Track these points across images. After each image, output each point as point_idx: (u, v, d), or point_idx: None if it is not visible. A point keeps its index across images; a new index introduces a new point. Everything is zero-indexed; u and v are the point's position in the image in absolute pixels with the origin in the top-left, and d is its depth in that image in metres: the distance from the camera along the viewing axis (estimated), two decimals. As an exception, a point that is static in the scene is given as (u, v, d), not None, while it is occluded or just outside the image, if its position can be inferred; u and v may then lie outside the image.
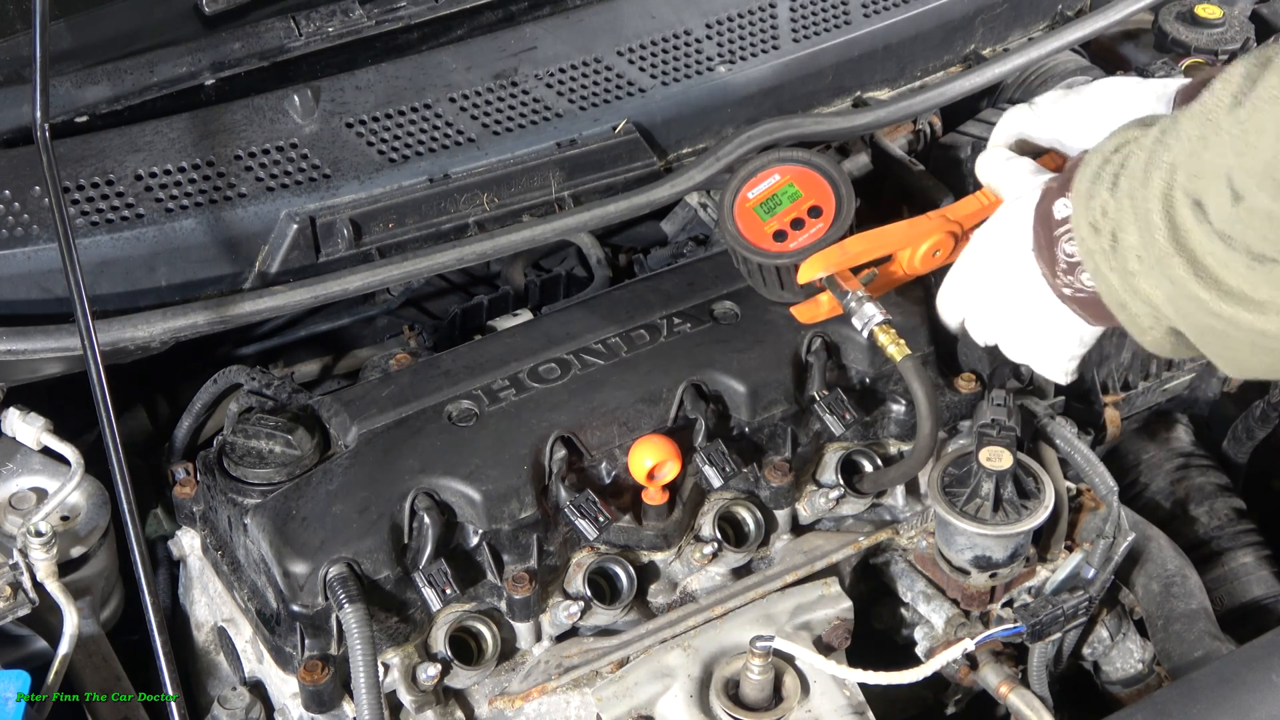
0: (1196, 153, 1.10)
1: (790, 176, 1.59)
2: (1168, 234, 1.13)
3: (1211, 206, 1.08)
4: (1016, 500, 1.50)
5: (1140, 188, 1.16)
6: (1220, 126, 1.07)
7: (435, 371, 1.55)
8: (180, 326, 1.52)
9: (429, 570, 1.40)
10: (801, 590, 1.52)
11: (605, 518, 1.45)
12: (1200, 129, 1.09)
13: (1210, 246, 1.10)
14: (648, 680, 1.44)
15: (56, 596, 1.41)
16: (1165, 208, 1.13)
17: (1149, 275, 1.18)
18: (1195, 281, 1.12)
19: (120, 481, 1.33)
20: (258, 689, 1.50)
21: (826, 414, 1.56)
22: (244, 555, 1.46)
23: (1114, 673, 1.71)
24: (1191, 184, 1.10)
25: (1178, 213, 1.12)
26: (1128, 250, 1.19)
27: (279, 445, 1.45)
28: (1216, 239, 1.09)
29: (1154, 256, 1.15)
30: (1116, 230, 1.20)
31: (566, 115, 1.73)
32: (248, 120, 1.64)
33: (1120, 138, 1.25)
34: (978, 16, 2.01)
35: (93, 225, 1.53)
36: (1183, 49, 2.06)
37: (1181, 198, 1.11)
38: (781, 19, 1.89)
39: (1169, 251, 1.13)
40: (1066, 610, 1.55)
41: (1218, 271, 1.10)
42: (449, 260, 1.63)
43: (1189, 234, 1.11)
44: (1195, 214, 1.10)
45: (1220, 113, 1.07)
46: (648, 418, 1.52)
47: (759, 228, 1.56)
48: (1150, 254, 1.16)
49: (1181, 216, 1.11)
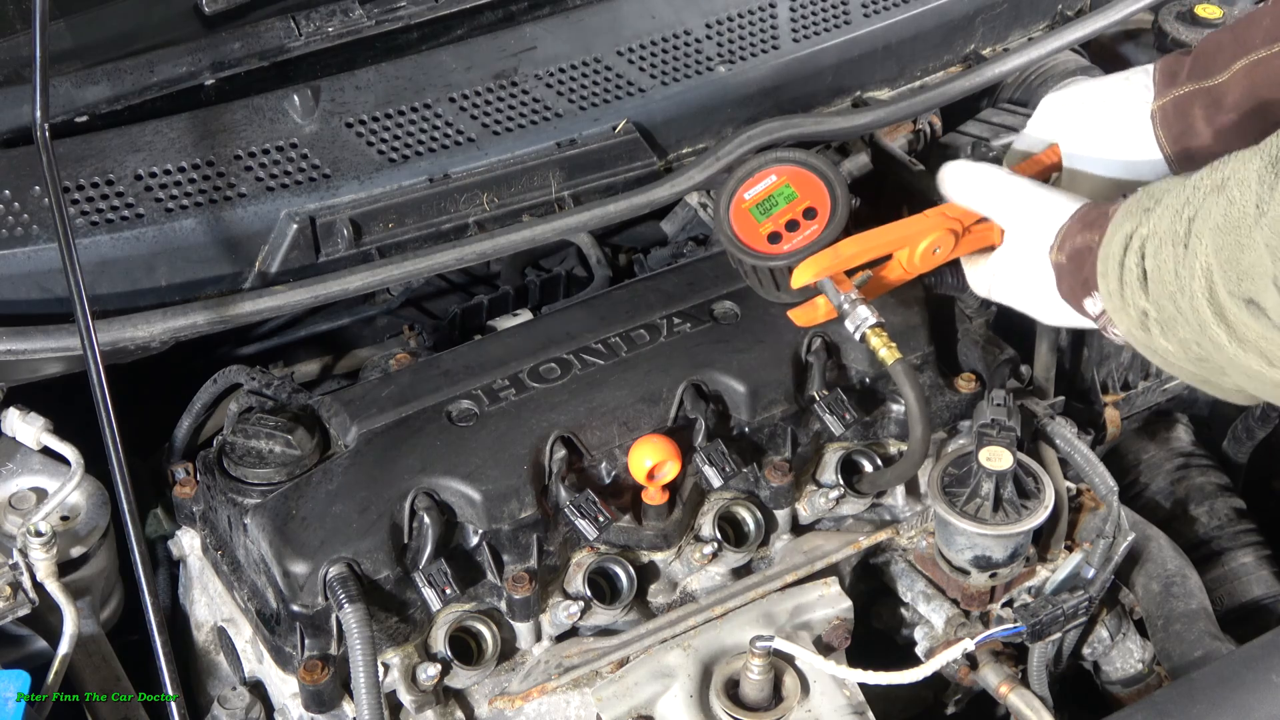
0: (1234, 259, 1.12)
1: (787, 177, 1.59)
2: (1228, 335, 1.15)
3: (1268, 304, 1.10)
4: (1016, 500, 1.50)
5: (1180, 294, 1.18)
6: (1253, 237, 1.09)
7: (435, 371, 1.55)
8: (180, 326, 1.52)
9: (429, 570, 1.40)
10: (801, 590, 1.52)
11: (605, 518, 1.45)
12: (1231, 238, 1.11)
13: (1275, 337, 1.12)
14: (648, 680, 1.43)
15: (56, 596, 1.41)
16: (1216, 313, 1.15)
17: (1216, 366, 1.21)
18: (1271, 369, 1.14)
19: (120, 481, 1.33)
20: (258, 689, 1.50)
21: (826, 414, 1.56)
22: (244, 555, 1.46)
23: (1114, 673, 1.71)
24: (1239, 287, 1.12)
25: (1230, 315, 1.14)
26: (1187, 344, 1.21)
27: (279, 445, 1.45)
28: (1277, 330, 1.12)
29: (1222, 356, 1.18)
30: (1166, 328, 1.22)
31: (566, 115, 1.73)
32: (248, 120, 1.64)
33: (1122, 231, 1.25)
34: (978, 16, 2.01)
35: (93, 225, 1.53)
36: (1183, 49, 2.05)
37: (1229, 300, 1.13)
38: (781, 19, 1.89)
39: (1237, 352, 1.15)
40: (1066, 610, 1.54)
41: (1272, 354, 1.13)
42: (449, 260, 1.63)
43: (1249, 330, 1.13)
44: (1252, 313, 1.12)
45: (1248, 223, 1.09)
46: (648, 418, 1.52)
47: (754, 229, 1.56)
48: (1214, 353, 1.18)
49: (1237, 317, 1.13)
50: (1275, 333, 1.11)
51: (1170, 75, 1.51)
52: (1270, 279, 1.08)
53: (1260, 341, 1.13)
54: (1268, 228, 1.07)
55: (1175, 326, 1.21)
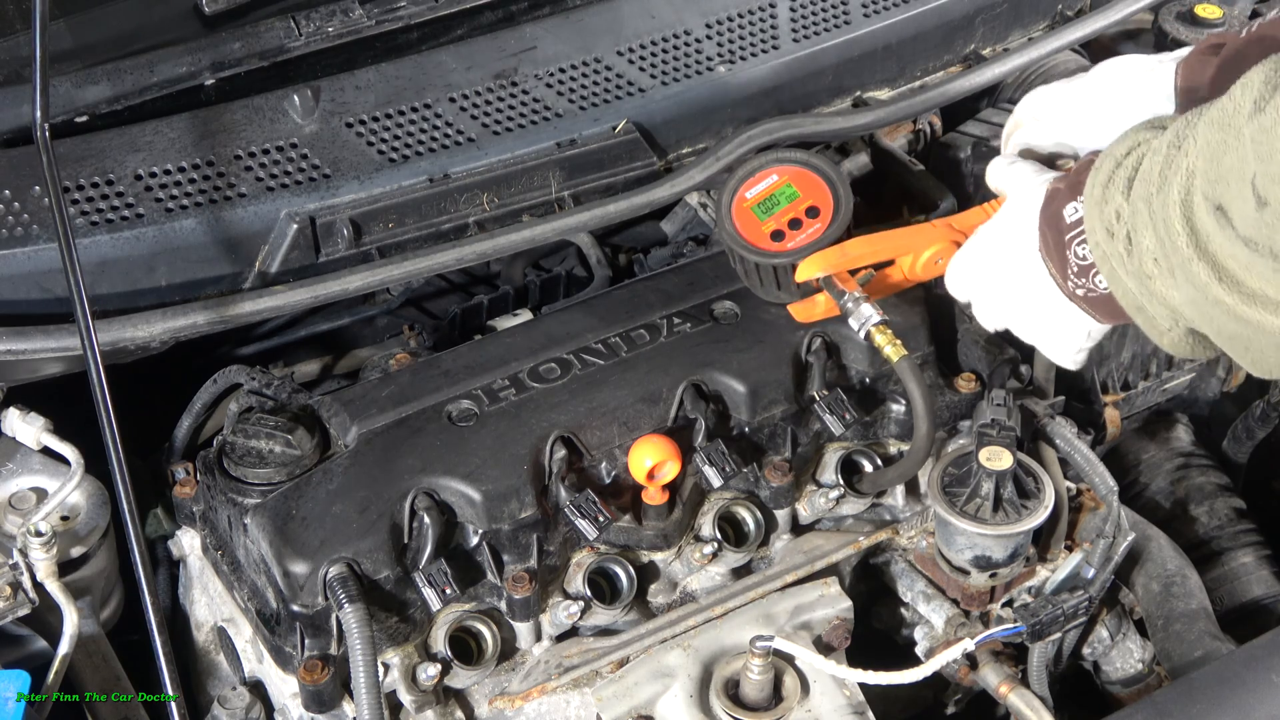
0: (1217, 158, 1.09)
1: (788, 177, 1.59)
2: (1188, 239, 1.13)
3: (1235, 212, 1.08)
4: (1016, 500, 1.50)
5: (1157, 193, 1.16)
6: (1241, 132, 1.07)
7: (435, 371, 1.55)
8: (180, 326, 1.52)
9: (429, 570, 1.40)
10: (801, 590, 1.52)
11: (605, 518, 1.45)
12: (1220, 134, 1.09)
13: (1233, 251, 1.10)
14: (648, 680, 1.43)
15: (56, 596, 1.41)
16: (1185, 214, 1.12)
17: (1168, 279, 1.18)
18: (1218, 285, 1.12)
19: (120, 481, 1.33)
20: (258, 689, 1.50)
21: (826, 414, 1.56)
22: (244, 555, 1.46)
23: (1114, 673, 1.71)
24: (1213, 190, 1.10)
25: (1198, 219, 1.12)
26: (1144, 254, 1.19)
27: (279, 445, 1.45)
28: (1240, 244, 1.09)
29: (1174, 261, 1.15)
30: (1132, 234, 1.20)
31: (566, 115, 1.73)
32: (248, 120, 1.64)
33: (1131, 140, 1.24)
34: (978, 16, 2.01)
35: (93, 225, 1.53)
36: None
37: (1202, 203, 1.11)
38: (781, 19, 1.89)
39: (1191, 257, 1.13)
40: (1066, 610, 1.54)
41: (1241, 275, 1.10)
42: (449, 260, 1.63)
43: (1211, 239, 1.11)
44: (1218, 220, 1.10)
45: (1241, 118, 1.07)
46: (648, 417, 1.52)
47: (756, 227, 1.56)
48: (1170, 259, 1.16)
49: (1203, 222, 1.11)
50: (1236, 244, 1.09)
51: (1192, 87, 1.47)
52: (1248, 180, 1.06)
53: (1218, 253, 1.11)
54: (1258, 123, 1.05)
55: (1143, 232, 1.19)
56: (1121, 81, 1.51)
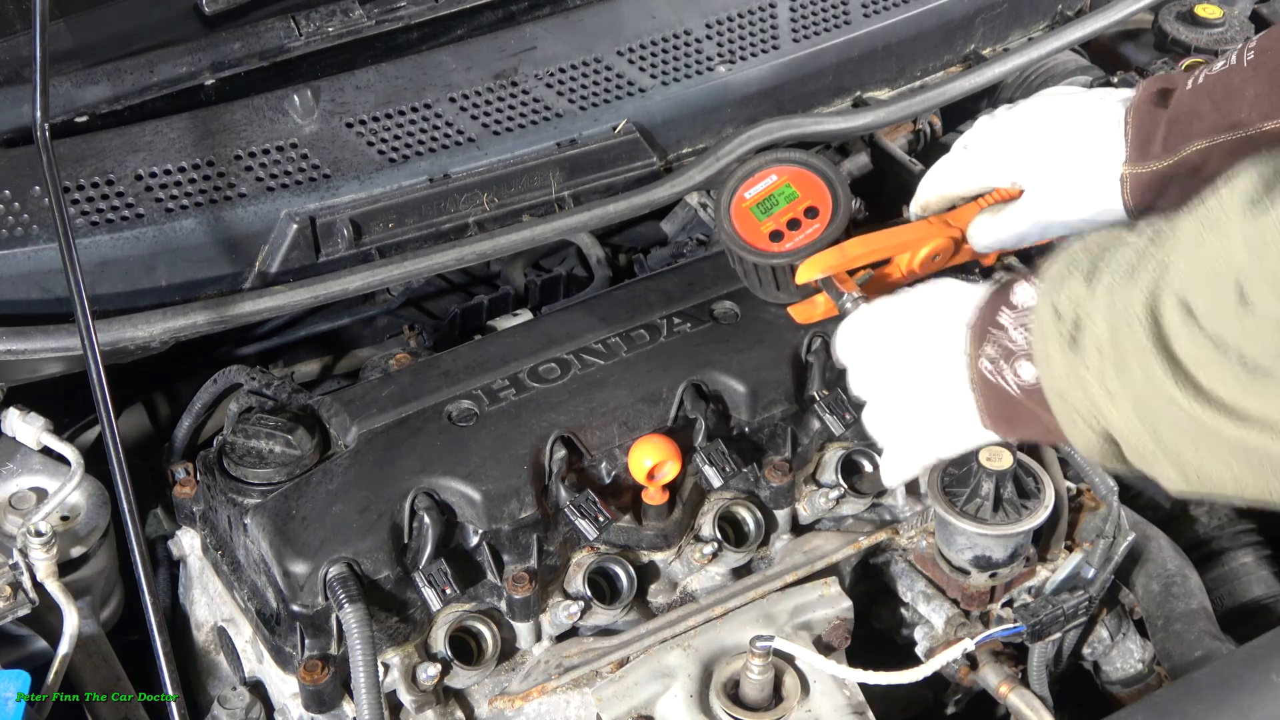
0: (1194, 253, 1.03)
1: (787, 177, 1.59)
2: (1148, 331, 1.06)
3: (1203, 309, 1.02)
4: (1016, 500, 1.50)
5: (1122, 282, 1.09)
6: (1228, 228, 1.01)
7: (435, 371, 1.55)
8: (180, 326, 1.53)
9: (429, 570, 1.40)
10: (801, 590, 1.52)
11: (605, 518, 1.45)
12: (1203, 231, 1.03)
13: (1197, 349, 1.03)
14: (648, 680, 1.43)
15: (56, 596, 1.41)
16: (1150, 305, 1.05)
17: (1109, 371, 1.10)
18: (1172, 382, 1.04)
19: (120, 481, 1.33)
20: (258, 689, 1.50)
21: (826, 414, 1.56)
22: (244, 555, 1.46)
23: (1114, 673, 1.71)
24: (1183, 284, 1.04)
25: (1163, 312, 1.05)
26: (1089, 341, 1.11)
27: (279, 445, 1.45)
28: (1206, 342, 1.02)
29: (1127, 351, 1.08)
30: (1083, 319, 1.12)
31: (566, 115, 1.73)
32: (248, 120, 1.64)
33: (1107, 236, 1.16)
34: (978, 16, 2.01)
35: (93, 225, 1.53)
36: (1182, 49, 2.06)
37: (1169, 297, 1.05)
38: (781, 19, 1.89)
39: (1147, 348, 1.05)
40: (1066, 610, 1.55)
41: (1199, 375, 1.03)
42: (449, 260, 1.63)
43: (1173, 333, 1.04)
44: (1183, 315, 1.03)
45: (1231, 214, 1.01)
46: (648, 418, 1.52)
47: (755, 228, 1.56)
48: (1121, 348, 1.08)
49: (1167, 316, 1.05)
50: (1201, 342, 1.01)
51: (1144, 141, 1.41)
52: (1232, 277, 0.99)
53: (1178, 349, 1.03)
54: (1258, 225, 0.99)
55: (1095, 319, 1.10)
56: (1066, 117, 1.47)
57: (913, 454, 1.36)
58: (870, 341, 1.37)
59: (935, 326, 1.29)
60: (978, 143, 1.53)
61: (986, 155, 1.52)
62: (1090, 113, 1.46)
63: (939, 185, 1.57)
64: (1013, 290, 1.22)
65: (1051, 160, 1.46)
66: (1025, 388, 1.19)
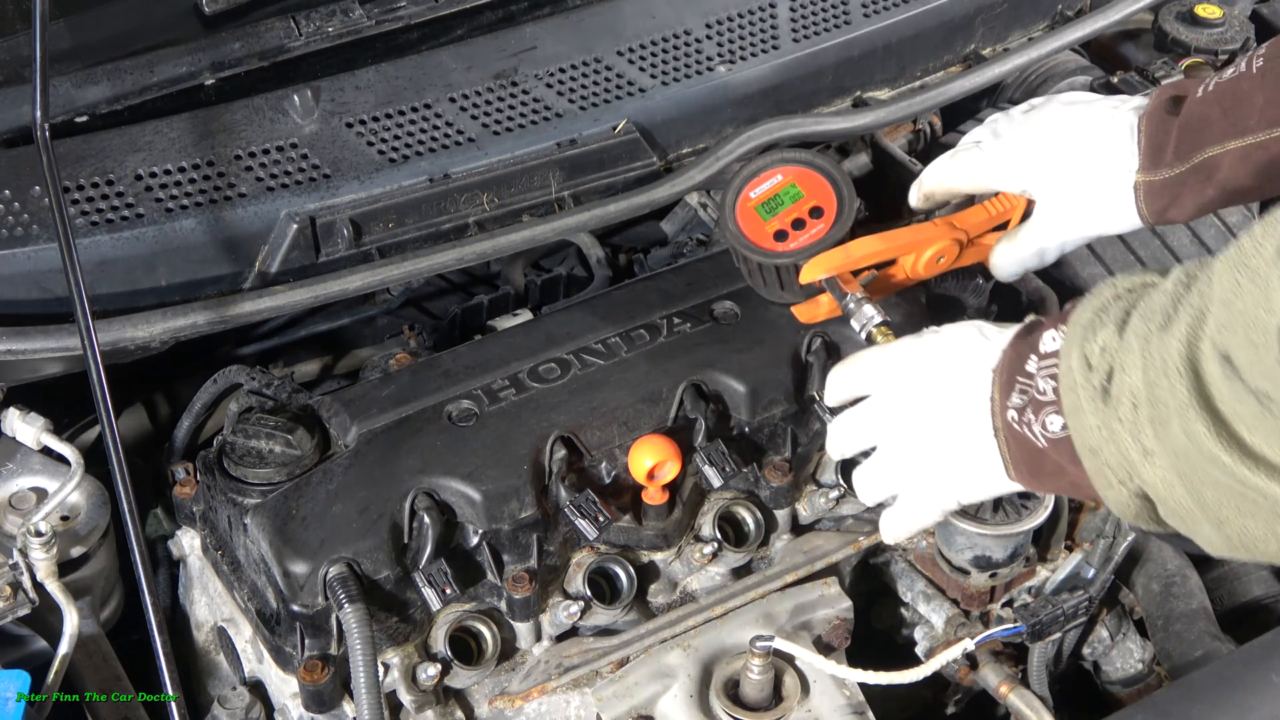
0: (1231, 301, 0.97)
1: (792, 177, 1.59)
2: (1189, 384, 0.99)
3: (1244, 361, 0.96)
4: (1016, 500, 1.50)
5: (1157, 331, 1.03)
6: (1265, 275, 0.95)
7: (435, 371, 1.55)
8: (180, 326, 1.53)
9: (429, 570, 1.40)
10: (801, 590, 1.52)
11: (605, 518, 1.45)
12: (1237, 276, 0.97)
13: (1239, 404, 0.97)
14: (648, 680, 1.44)
15: (56, 596, 1.41)
16: (1189, 356, 0.99)
17: (1146, 427, 1.05)
18: (1214, 440, 0.98)
19: (120, 481, 1.32)
20: (258, 689, 1.50)
21: (827, 414, 1.56)
22: (244, 555, 1.46)
23: (1114, 673, 1.71)
24: (1221, 333, 0.97)
25: (1203, 363, 0.99)
26: (1124, 394, 1.06)
27: (279, 445, 1.45)
28: (1250, 396, 0.96)
29: (1168, 407, 1.02)
30: (1115, 371, 1.07)
31: (566, 115, 1.73)
32: (248, 120, 1.64)
33: (1137, 278, 1.12)
34: (978, 16, 2.01)
35: (93, 225, 1.53)
36: (1182, 49, 2.06)
37: (1210, 349, 0.99)
38: (781, 19, 1.89)
39: (1187, 404, 0.99)
40: (1066, 610, 1.55)
41: (1243, 433, 0.98)
42: (449, 260, 1.63)
43: (1215, 388, 0.98)
44: (1223, 367, 0.97)
45: (1267, 260, 0.95)
46: (648, 418, 1.52)
47: (760, 227, 1.57)
48: (1160, 405, 1.03)
49: (1207, 368, 0.99)
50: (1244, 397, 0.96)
51: (1156, 148, 1.41)
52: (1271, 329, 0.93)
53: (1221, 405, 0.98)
54: None
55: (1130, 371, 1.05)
56: (1079, 125, 1.46)
57: (929, 503, 1.31)
58: (889, 382, 1.31)
59: (959, 370, 1.24)
60: (992, 143, 1.52)
61: (999, 157, 1.51)
62: (1104, 121, 1.45)
63: (945, 177, 1.56)
64: (1040, 336, 1.17)
65: (1065, 169, 1.46)
66: (1053, 440, 1.14)
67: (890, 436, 1.31)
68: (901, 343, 1.33)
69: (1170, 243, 1.85)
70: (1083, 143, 1.46)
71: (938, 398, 1.26)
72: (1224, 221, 1.89)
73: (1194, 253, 1.85)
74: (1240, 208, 1.90)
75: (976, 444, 1.22)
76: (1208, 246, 1.86)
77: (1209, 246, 1.86)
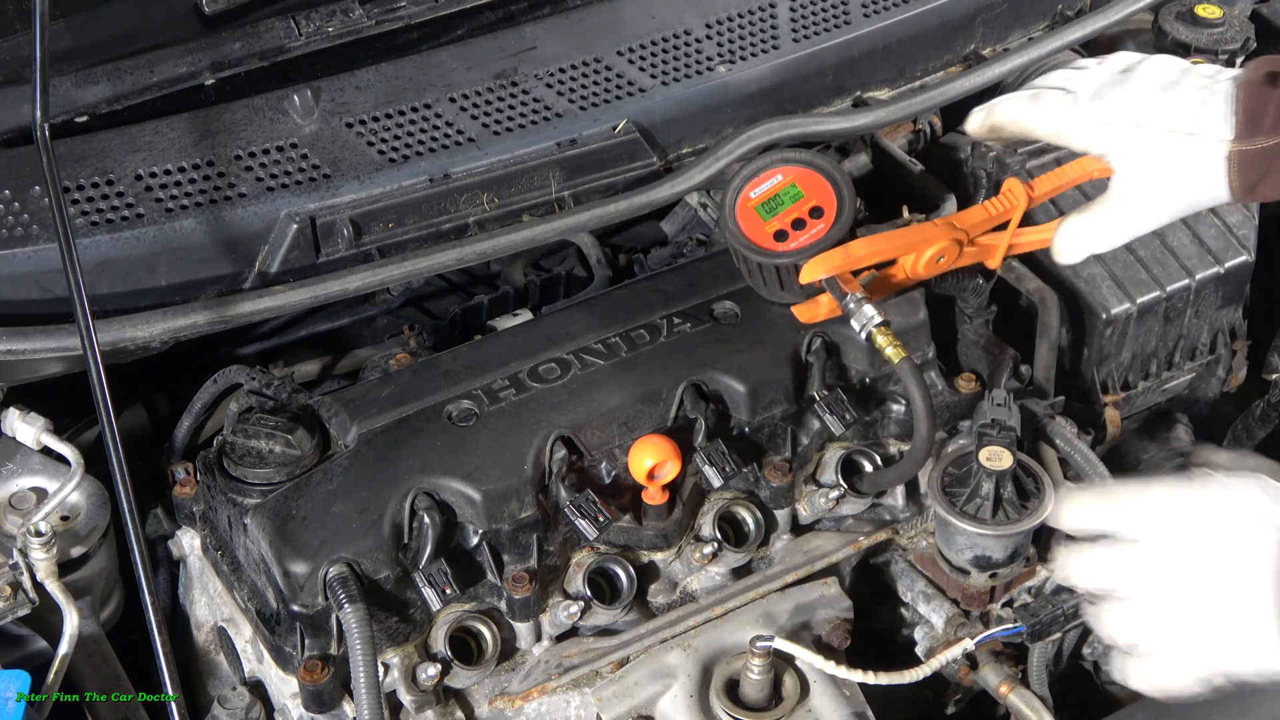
0: None
1: (792, 177, 1.59)
2: None
3: None
4: (1016, 500, 1.50)
5: None
6: None
7: (435, 371, 1.55)
8: (180, 326, 1.53)
9: (429, 570, 1.40)
10: (801, 590, 1.52)
11: (605, 518, 1.45)
12: None
13: None
14: (648, 680, 1.44)
15: (56, 596, 1.41)
16: None
17: None
18: None
19: (120, 481, 1.33)
20: (258, 689, 1.50)
21: (826, 414, 1.56)
22: (244, 555, 1.46)
23: (1114, 673, 1.71)
24: None
25: None
26: None
27: (279, 445, 1.45)
28: None
29: None
30: None
31: (566, 115, 1.73)
32: (248, 120, 1.64)
33: None
34: (978, 16, 2.01)
35: (93, 225, 1.53)
36: (1183, 49, 2.05)
37: None
38: (781, 19, 1.89)
39: None
40: (1066, 610, 1.55)
41: None
42: (449, 260, 1.63)
43: None
44: None
45: None
46: (648, 418, 1.52)
47: (760, 227, 1.57)
48: None
49: None
50: None
51: (1254, 116, 1.38)
52: None
53: None
54: None
55: None
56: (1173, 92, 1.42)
57: (1189, 668, 1.23)
58: (1156, 530, 1.22)
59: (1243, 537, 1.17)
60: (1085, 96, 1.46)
61: (1090, 114, 1.45)
62: (1200, 88, 1.42)
63: (1024, 116, 1.50)
64: None
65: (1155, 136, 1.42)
66: None
67: (1153, 590, 1.23)
68: (1174, 488, 1.24)
69: (1170, 243, 1.85)
70: (1176, 109, 1.41)
71: (1216, 561, 1.18)
72: (1224, 221, 1.89)
73: (1194, 253, 1.85)
74: (1240, 207, 1.89)
75: (1254, 618, 1.16)
76: (1208, 247, 1.86)
77: (1209, 247, 1.86)
